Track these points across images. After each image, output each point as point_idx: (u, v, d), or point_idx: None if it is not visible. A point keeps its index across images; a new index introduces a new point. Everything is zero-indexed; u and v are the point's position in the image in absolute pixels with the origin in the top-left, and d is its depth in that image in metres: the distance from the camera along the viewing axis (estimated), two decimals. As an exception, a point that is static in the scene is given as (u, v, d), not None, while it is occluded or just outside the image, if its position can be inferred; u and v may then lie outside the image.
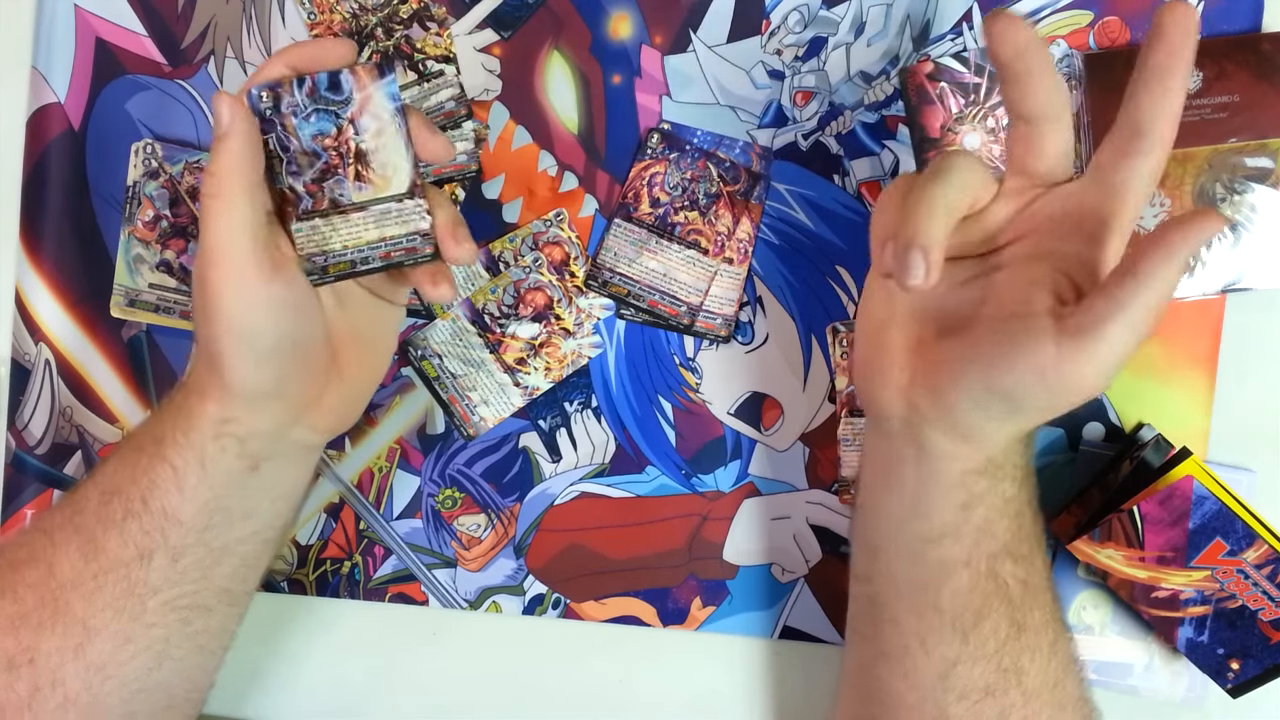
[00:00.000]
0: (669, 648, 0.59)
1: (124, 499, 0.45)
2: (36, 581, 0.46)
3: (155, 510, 0.45)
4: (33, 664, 0.45)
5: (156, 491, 0.45)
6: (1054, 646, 0.44)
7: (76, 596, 0.45)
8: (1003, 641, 0.43)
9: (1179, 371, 0.56)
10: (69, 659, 0.45)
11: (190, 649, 0.48)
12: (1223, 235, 0.55)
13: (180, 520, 0.45)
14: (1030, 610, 0.43)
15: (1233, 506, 0.50)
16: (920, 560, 0.44)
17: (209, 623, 0.49)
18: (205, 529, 0.46)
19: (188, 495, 0.45)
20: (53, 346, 0.60)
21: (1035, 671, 0.43)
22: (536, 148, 0.58)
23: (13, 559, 0.47)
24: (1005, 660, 0.43)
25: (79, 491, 0.47)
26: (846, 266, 0.57)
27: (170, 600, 0.46)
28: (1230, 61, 0.54)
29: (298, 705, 0.61)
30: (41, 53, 0.59)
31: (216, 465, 0.45)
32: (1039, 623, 0.43)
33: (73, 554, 0.46)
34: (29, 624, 0.45)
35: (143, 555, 0.45)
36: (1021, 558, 0.43)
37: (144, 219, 0.58)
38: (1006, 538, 0.43)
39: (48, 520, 0.48)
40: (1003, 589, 0.43)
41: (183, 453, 0.45)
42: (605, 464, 0.59)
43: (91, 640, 0.45)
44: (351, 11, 0.57)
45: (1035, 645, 0.43)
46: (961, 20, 0.56)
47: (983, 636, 0.43)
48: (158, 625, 0.46)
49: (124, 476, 0.46)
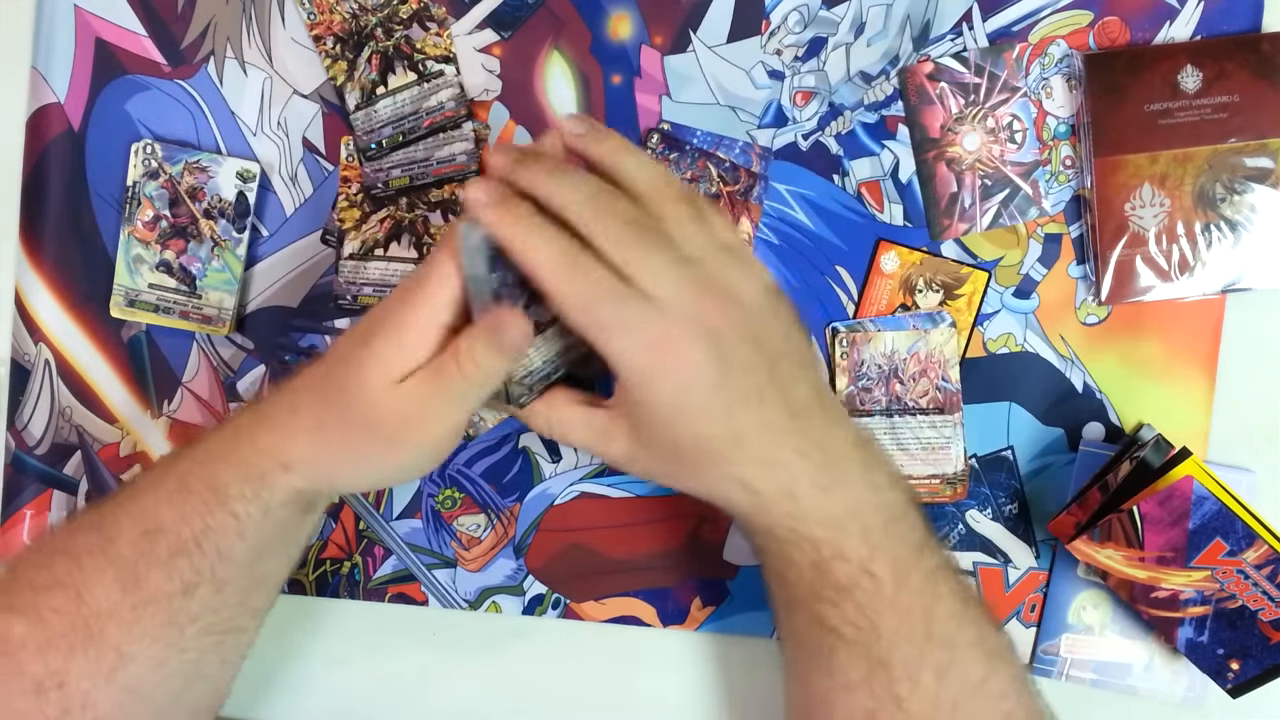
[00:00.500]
0: (669, 648, 0.59)
1: (172, 537, 0.45)
2: (63, 607, 0.45)
3: (209, 551, 0.45)
4: (62, 687, 0.45)
5: (212, 535, 0.45)
6: (942, 675, 0.44)
7: (112, 625, 0.45)
8: (865, 674, 0.44)
9: (1179, 371, 0.56)
10: (101, 683, 0.45)
11: (218, 666, 0.49)
12: (1223, 235, 0.55)
13: (232, 559, 0.46)
14: (891, 647, 0.44)
15: (1233, 507, 0.50)
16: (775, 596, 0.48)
17: (239, 640, 0.49)
18: (253, 564, 0.47)
19: (247, 540, 0.46)
20: (52, 347, 0.60)
21: (918, 699, 0.44)
22: (536, 148, 0.58)
23: (33, 581, 0.47)
24: (877, 689, 0.44)
25: (108, 518, 0.47)
26: (846, 266, 0.57)
27: (208, 626, 0.47)
28: (1230, 61, 0.54)
29: (297, 705, 0.60)
30: (41, 53, 0.59)
31: (278, 515, 0.46)
32: (908, 658, 0.44)
33: (108, 583, 0.45)
34: (58, 649, 0.45)
35: (187, 589, 0.45)
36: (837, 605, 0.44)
37: (144, 219, 0.58)
38: (814, 586, 0.44)
39: (68, 542, 0.47)
40: (832, 632, 0.44)
41: (248, 506, 0.45)
42: (605, 464, 0.59)
43: (125, 665, 0.45)
44: (351, 11, 0.57)
45: (909, 676, 0.44)
46: (961, 20, 0.56)
47: (841, 668, 0.44)
48: (192, 650, 0.47)
49: (170, 515, 0.45)
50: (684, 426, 0.43)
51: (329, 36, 0.57)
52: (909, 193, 0.57)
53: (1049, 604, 0.57)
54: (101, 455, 0.60)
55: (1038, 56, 0.56)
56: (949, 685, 0.44)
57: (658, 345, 0.42)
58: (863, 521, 0.44)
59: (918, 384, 0.57)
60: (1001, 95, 0.56)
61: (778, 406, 0.44)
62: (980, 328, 0.57)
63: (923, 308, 0.57)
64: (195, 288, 0.58)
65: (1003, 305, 0.57)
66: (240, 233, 0.58)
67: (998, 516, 0.58)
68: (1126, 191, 0.55)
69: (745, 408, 0.43)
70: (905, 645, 0.44)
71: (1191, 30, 0.56)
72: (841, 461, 0.45)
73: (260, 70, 0.59)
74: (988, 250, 0.57)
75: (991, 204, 0.57)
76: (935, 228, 0.57)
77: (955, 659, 0.44)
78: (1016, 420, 0.57)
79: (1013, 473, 0.57)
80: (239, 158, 0.58)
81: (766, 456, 0.44)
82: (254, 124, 0.59)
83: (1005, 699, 0.45)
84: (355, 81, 0.57)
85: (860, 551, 0.44)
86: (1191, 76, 0.54)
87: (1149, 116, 0.54)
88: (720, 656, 0.59)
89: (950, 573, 0.46)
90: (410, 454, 0.45)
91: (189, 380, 0.60)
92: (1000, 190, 0.57)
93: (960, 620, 0.45)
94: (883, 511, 0.44)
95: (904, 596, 0.44)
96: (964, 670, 0.44)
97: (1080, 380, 0.57)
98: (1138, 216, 0.55)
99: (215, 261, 0.58)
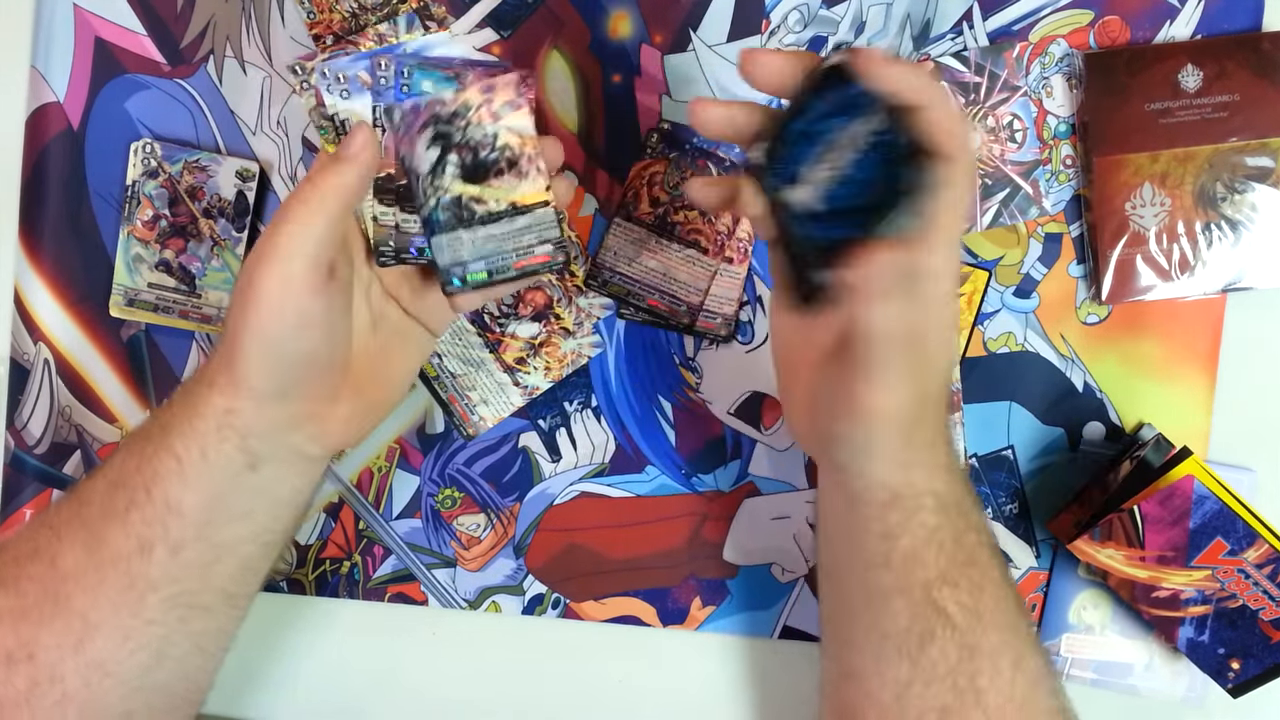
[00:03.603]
0: (669, 647, 0.59)
1: (128, 490, 0.46)
2: (39, 575, 0.46)
3: (158, 500, 0.45)
4: (32, 659, 0.45)
5: (160, 481, 0.45)
6: (1018, 665, 0.44)
7: (78, 589, 0.45)
8: (954, 664, 0.43)
9: (1179, 371, 0.56)
10: (68, 655, 0.45)
11: (189, 649, 0.48)
12: (1223, 234, 0.55)
13: (181, 512, 0.45)
14: (984, 633, 0.43)
15: (1233, 506, 0.50)
16: (863, 586, 0.45)
17: (208, 624, 0.49)
18: (205, 523, 0.46)
19: (189, 485, 0.45)
20: (52, 346, 0.60)
21: (995, 691, 0.43)
22: (536, 147, 0.58)
23: (16, 554, 0.47)
24: (960, 681, 0.43)
25: (86, 484, 0.47)
26: (846, 266, 0.57)
27: (170, 597, 0.46)
28: (1230, 61, 0.54)
29: (297, 705, 0.60)
30: (41, 52, 0.59)
31: (217, 456, 0.45)
32: (995, 645, 0.43)
33: (76, 547, 0.46)
34: (29, 619, 0.45)
35: (143, 548, 0.45)
36: (960, 585, 0.44)
37: (143, 218, 0.58)
38: (942, 566, 0.43)
39: (53, 515, 0.48)
40: (943, 615, 0.43)
41: (186, 441, 0.45)
42: (605, 464, 0.59)
43: (91, 636, 0.45)
44: (351, 11, 0.57)
45: (994, 667, 0.43)
46: (961, 20, 0.56)
47: (931, 660, 0.44)
48: (157, 623, 0.46)
49: (130, 466, 0.46)
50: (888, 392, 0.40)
51: (329, 35, 0.57)
52: (909, 192, 0.57)
53: (1049, 604, 0.57)
54: (101, 455, 0.60)
55: (1038, 56, 0.56)
56: (1022, 677, 0.44)
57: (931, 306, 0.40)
58: (961, 505, 0.44)
59: (918, 383, 0.57)
60: (1002, 94, 0.56)
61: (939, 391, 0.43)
62: (980, 327, 0.57)
63: (923, 307, 0.57)
64: (195, 287, 0.58)
65: (1003, 304, 0.57)
66: (240, 232, 0.58)
67: (998, 516, 0.58)
68: (1127, 191, 0.55)
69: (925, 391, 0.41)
70: (993, 632, 0.43)
71: (1192, 29, 0.56)
72: (948, 446, 0.44)
73: (260, 69, 0.58)
74: (988, 249, 0.57)
75: (992, 203, 0.57)
76: (935, 227, 0.57)
77: (1024, 650, 0.44)
78: (1017, 420, 0.57)
79: (1013, 472, 0.57)
80: (238, 157, 0.58)
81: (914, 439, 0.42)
82: (253, 123, 0.59)
83: (1056, 696, 0.45)
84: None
85: (970, 536, 0.44)
86: (1192, 76, 0.54)
87: (1149, 116, 0.54)
88: (720, 656, 0.59)
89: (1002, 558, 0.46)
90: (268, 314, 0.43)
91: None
92: (1000, 189, 0.57)
93: (1021, 608, 0.45)
94: (970, 495, 0.45)
95: (994, 576, 0.44)
96: (1032, 662, 0.44)
97: (1080, 380, 0.57)
98: (1138, 216, 0.55)
99: (215, 261, 0.58)
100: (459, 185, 0.47)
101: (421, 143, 0.46)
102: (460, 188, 0.47)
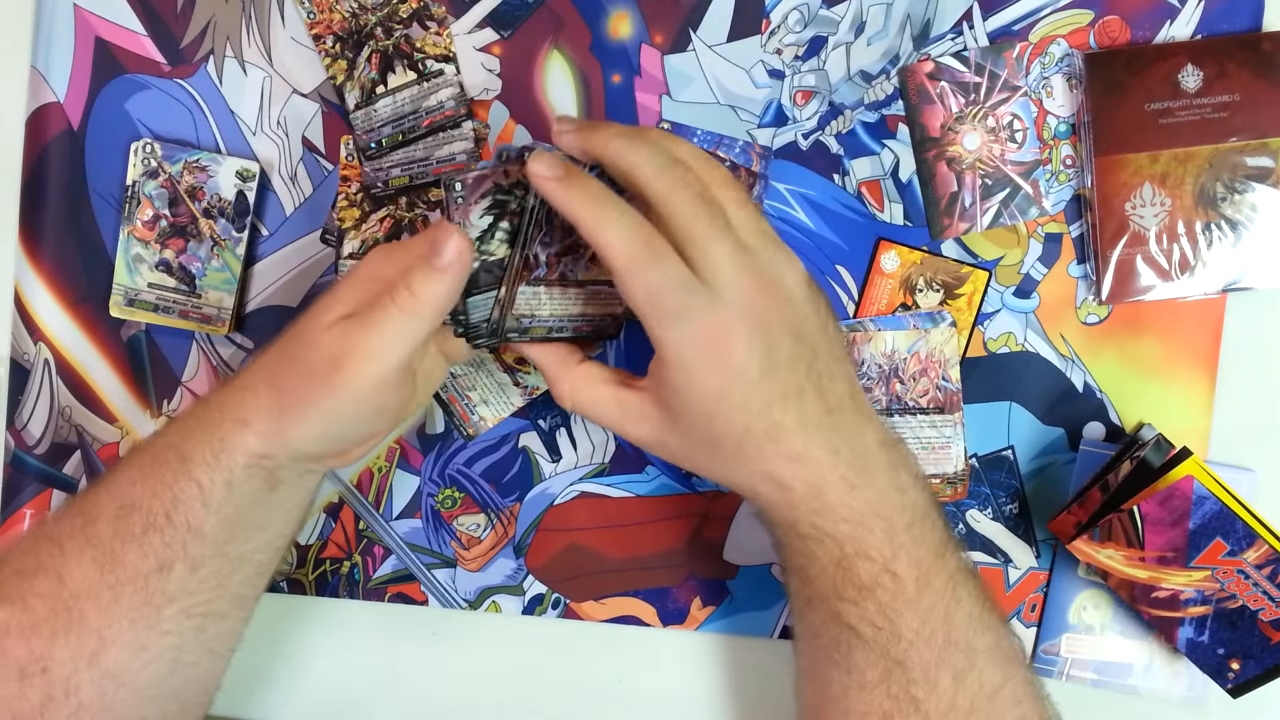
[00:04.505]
0: (668, 648, 0.59)
1: (144, 513, 0.45)
2: (46, 591, 0.45)
3: (179, 525, 0.45)
4: (45, 673, 0.45)
5: (181, 507, 0.45)
6: (960, 679, 0.44)
7: (91, 607, 0.45)
8: (882, 674, 0.44)
9: (1179, 371, 0.56)
10: (83, 667, 0.45)
11: (202, 654, 0.49)
12: (1224, 234, 0.55)
13: (203, 534, 0.46)
14: (908, 649, 0.43)
15: (1233, 506, 0.50)
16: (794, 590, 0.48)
17: (221, 628, 0.49)
18: (226, 541, 0.47)
19: (212, 510, 0.45)
20: (52, 346, 0.60)
21: (935, 701, 0.43)
22: (536, 147, 0.58)
23: (19, 568, 0.47)
24: (894, 689, 0.44)
25: (89, 500, 0.47)
26: (846, 266, 0.57)
27: (186, 609, 0.46)
28: (1231, 61, 0.54)
29: (297, 705, 0.60)
30: (41, 52, 0.59)
31: (243, 487, 0.46)
32: (926, 660, 0.43)
33: (86, 565, 0.45)
34: (40, 633, 0.45)
35: (162, 567, 0.45)
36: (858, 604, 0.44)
37: (143, 218, 0.58)
38: (836, 584, 0.44)
39: (54, 528, 0.47)
40: (851, 630, 0.44)
41: (212, 474, 0.45)
42: (605, 464, 0.59)
43: (106, 649, 0.45)
44: (351, 11, 0.57)
45: (927, 679, 0.43)
46: (961, 20, 0.56)
47: (858, 667, 0.44)
48: (172, 633, 0.46)
49: (143, 490, 0.46)
50: (722, 418, 0.43)
51: (329, 35, 0.57)
52: (909, 192, 0.57)
53: (1049, 604, 0.57)
54: (101, 455, 0.60)
55: (1038, 55, 0.56)
56: (966, 690, 0.44)
57: (711, 337, 0.42)
58: (887, 521, 0.44)
59: (918, 383, 0.57)
60: (1002, 94, 0.56)
61: (815, 402, 0.43)
62: (980, 327, 0.57)
63: (923, 307, 0.57)
64: (195, 287, 0.58)
65: (1003, 305, 0.57)
66: (240, 232, 0.58)
67: (998, 516, 0.58)
68: (1127, 191, 0.55)
69: (784, 403, 0.43)
70: (924, 647, 0.43)
71: (1192, 29, 0.56)
72: (870, 460, 0.44)
73: (260, 69, 0.58)
74: (988, 249, 0.57)
75: (992, 203, 0.57)
76: (935, 227, 0.57)
77: (973, 664, 0.44)
78: (1017, 420, 0.57)
79: (1013, 472, 0.57)
80: (238, 157, 0.58)
81: (799, 452, 0.43)
82: (253, 123, 0.59)
83: (1019, 705, 0.45)
84: (355, 80, 0.57)
85: (884, 550, 0.43)
86: (1192, 75, 0.54)
87: (1149, 115, 0.54)
88: (720, 656, 0.59)
89: (969, 576, 0.46)
90: (347, 400, 0.44)
91: (189, 380, 0.60)
92: (1001, 189, 0.57)
93: (979, 625, 0.45)
94: (907, 512, 0.44)
95: (925, 598, 0.44)
96: (980, 675, 0.44)
97: (1081, 380, 0.57)
98: (1138, 216, 0.55)
99: (215, 261, 0.58)
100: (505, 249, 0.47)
101: (476, 210, 0.46)
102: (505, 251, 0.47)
